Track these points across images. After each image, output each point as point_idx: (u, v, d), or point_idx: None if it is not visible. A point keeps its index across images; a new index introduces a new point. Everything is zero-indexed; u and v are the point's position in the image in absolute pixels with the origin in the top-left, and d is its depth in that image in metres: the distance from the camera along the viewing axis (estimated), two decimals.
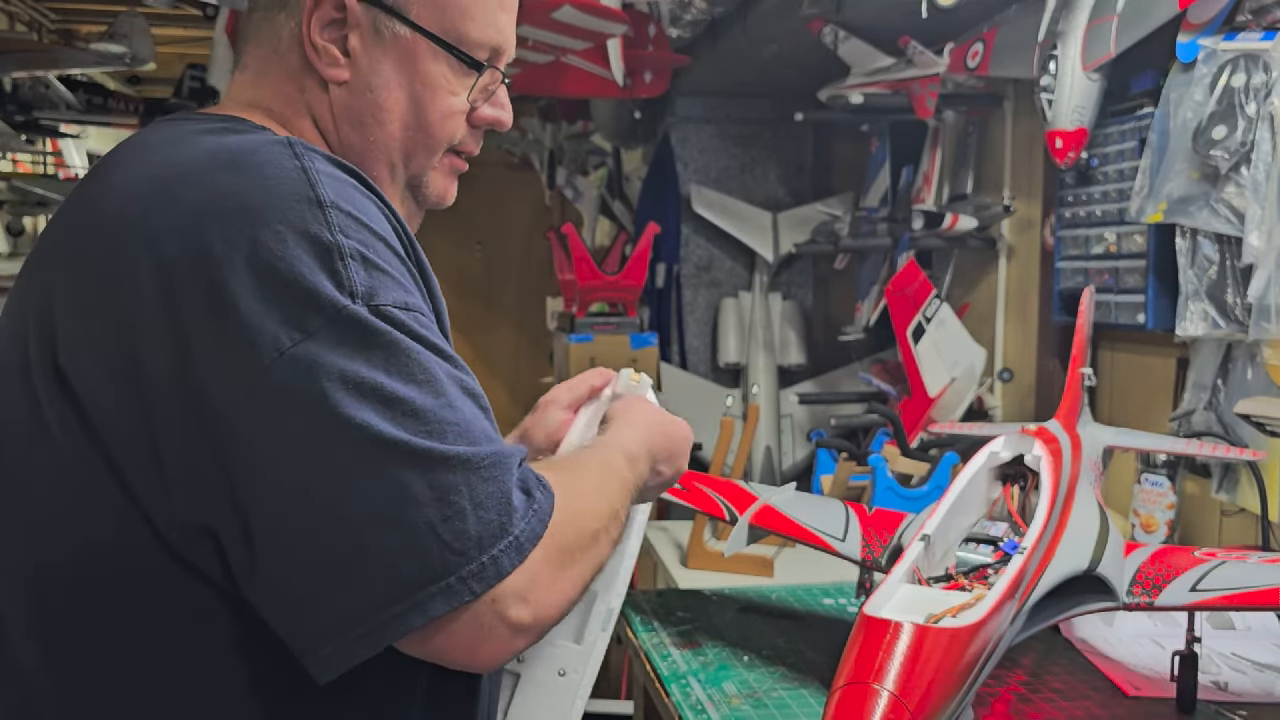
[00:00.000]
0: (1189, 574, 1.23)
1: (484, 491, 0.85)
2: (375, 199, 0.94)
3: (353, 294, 0.85)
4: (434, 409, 0.85)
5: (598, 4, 2.37)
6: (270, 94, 1.04)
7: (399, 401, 0.84)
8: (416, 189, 1.09)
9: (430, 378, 0.87)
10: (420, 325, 0.89)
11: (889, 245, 2.86)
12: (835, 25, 2.59)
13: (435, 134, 1.06)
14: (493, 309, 6.74)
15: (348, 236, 0.87)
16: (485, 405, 0.92)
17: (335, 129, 1.04)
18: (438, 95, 1.05)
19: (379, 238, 0.90)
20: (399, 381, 0.85)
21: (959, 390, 2.56)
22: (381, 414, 0.83)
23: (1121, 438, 1.80)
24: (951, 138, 2.85)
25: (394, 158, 1.06)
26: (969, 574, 1.13)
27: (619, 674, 3.26)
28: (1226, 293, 1.74)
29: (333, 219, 0.87)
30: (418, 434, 0.83)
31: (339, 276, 0.85)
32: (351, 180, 0.93)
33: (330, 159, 0.94)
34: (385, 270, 0.88)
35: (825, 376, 3.50)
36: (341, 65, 1.02)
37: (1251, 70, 1.67)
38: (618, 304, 3.36)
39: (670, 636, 1.59)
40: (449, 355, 0.91)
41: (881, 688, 0.90)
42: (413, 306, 0.89)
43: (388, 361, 0.85)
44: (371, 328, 0.85)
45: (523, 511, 0.87)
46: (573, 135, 4.88)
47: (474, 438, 0.87)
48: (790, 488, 1.59)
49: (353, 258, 0.86)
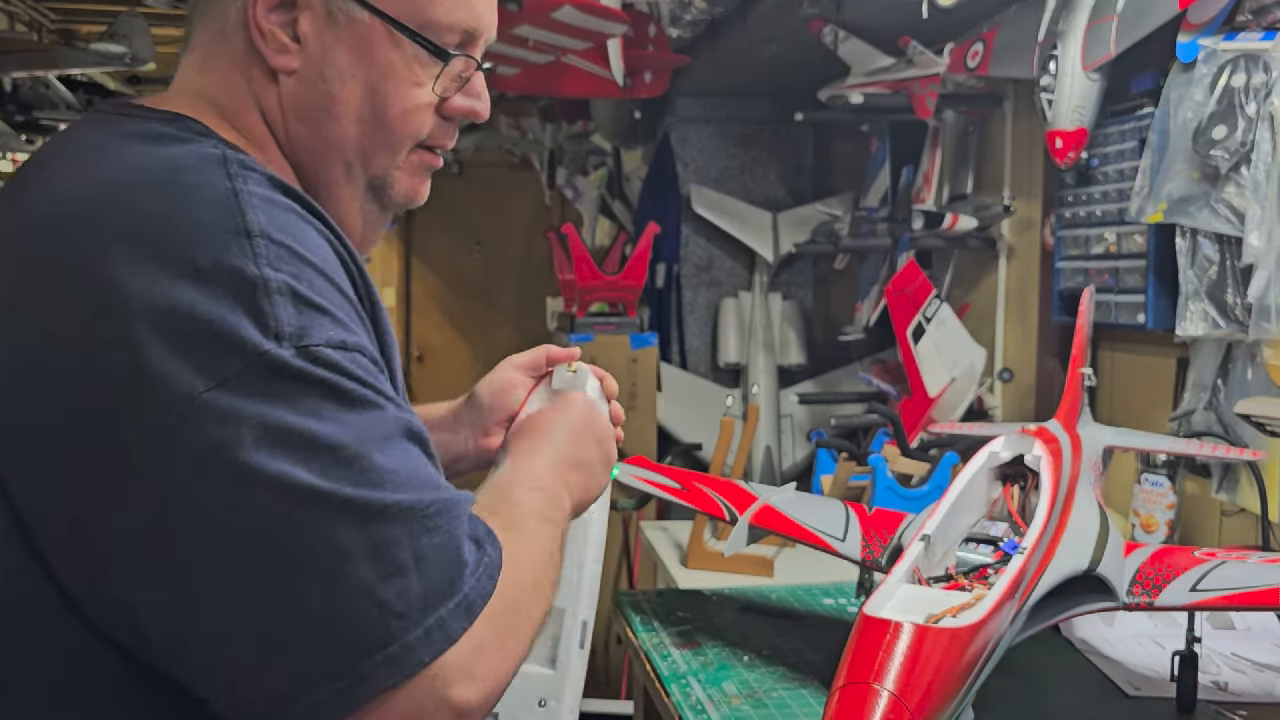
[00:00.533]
0: (1189, 574, 1.23)
1: (428, 544, 0.77)
2: (318, 225, 0.85)
3: (278, 335, 0.76)
4: (369, 454, 0.77)
5: (598, 4, 2.37)
6: (216, 83, 0.94)
7: (328, 449, 0.76)
8: (380, 190, 0.98)
9: (366, 421, 0.79)
10: (357, 366, 0.80)
11: (889, 245, 2.86)
12: (835, 25, 2.59)
13: (396, 130, 0.95)
14: (493, 309, 6.74)
15: (276, 269, 0.78)
16: (432, 450, 0.85)
17: (284, 124, 0.94)
18: (399, 87, 0.94)
19: (316, 269, 0.81)
20: (330, 426, 0.76)
21: (959, 390, 2.56)
22: (308, 463, 0.75)
23: (1121, 438, 1.80)
24: (951, 138, 2.85)
25: (350, 157, 0.95)
26: (969, 574, 1.13)
27: (619, 674, 3.26)
28: (1226, 293, 1.74)
29: (260, 250, 0.79)
30: (350, 483, 0.75)
31: (262, 315, 0.77)
32: (292, 204, 0.84)
33: (271, 179, 0.85)
34: (319, 306, 0.80)
35: (825, 376, 3.50)
36: (290, 52, 0.92)
37: (1251, 70, 1.67)
38: (618, 304, 3.36)
39: (670, 636, 1.59)
40: (390, 397, 0.82)
41: (881, 688, 0.90)
42: (351, 345, 0.81)
43: (317, 406, 0.76)
44: (297, 371, 0.76)
45: (473, 566, 0.79)
46: (573, 135, 4.89)
47: (416, 484, 0.79)
48: (790, 488, 1.59)
49: (280, 293, 0.78)
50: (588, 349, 3.12)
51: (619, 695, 3.20)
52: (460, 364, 6.74)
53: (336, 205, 0.96)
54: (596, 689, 3.27)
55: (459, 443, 1.23)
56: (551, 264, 3.62)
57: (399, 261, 6.65)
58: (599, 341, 3.20)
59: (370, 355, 0.83)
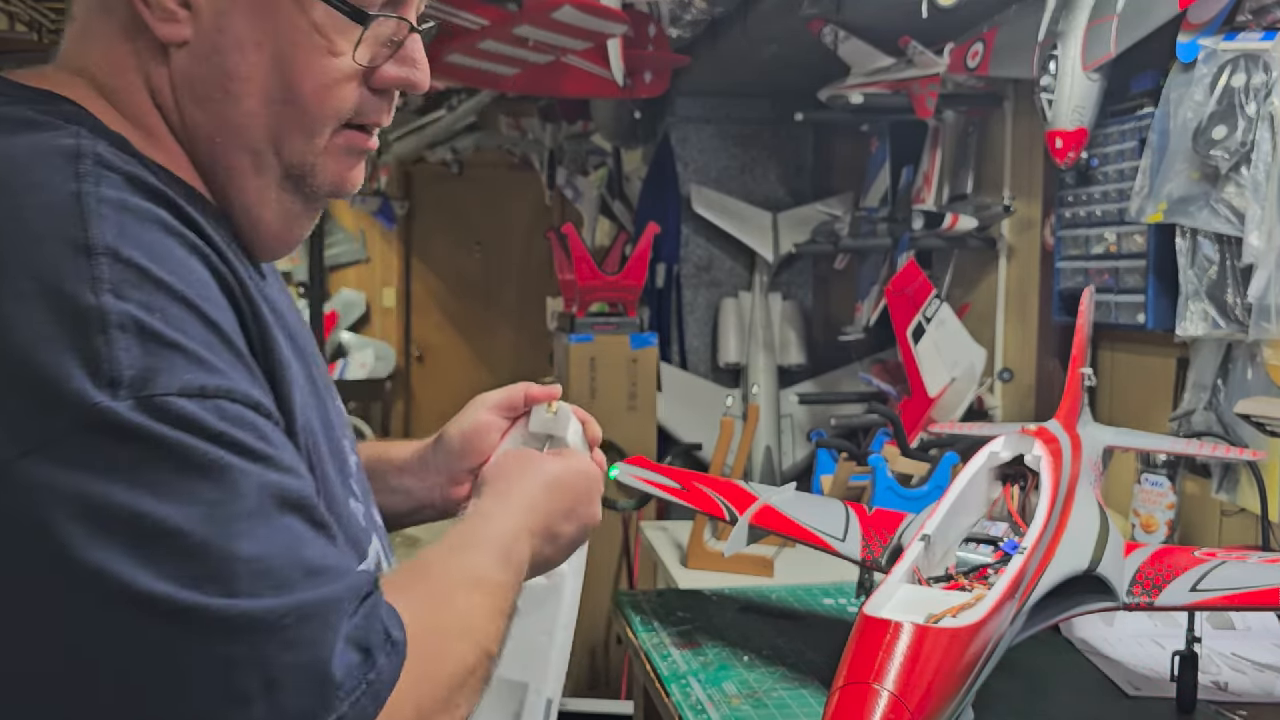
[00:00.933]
0: (1189, 574, 1.23)
1: (284, 663, 0.62)
2: (191, 237, 0.71)
3: (113, 382, 0.62)
4: (220, 542, 0.62)
5: (598, 4, 2.37)
6: (98, 58, 0.78)
7: (165, 535, 0.61)
8: (301, 179, 0.82)
9: (223, 494, 0.63)
10: (220, 418, 0.65)
11: (889, 245, 2.86)
12: (835, 25, 2.59)
13: (312, 108, 0.79)
14: (493, 309, 6.75)
15: (120, 297, 0.64)
16: (318, 518, 0.70)
17: (177, 108, 0.78)
18: (310, 57, 0.78)
19: (174, 296, 0.66)
20: (170, 505, 0.62)
21: (959, 390, 2.56)
22: (135, 555, 0.60)
23: (1121, 438, 1.80)
24: (951, 138, 2.85)
25: (257, 143, 0.79)
26: (969, 574, 1.13)
27: (619, 674, 3.26)
28: (1226, 293, 1.74)
29: (102, 272, 0.64)
30: (189, 582, 0.61)
31: (96, 357, 0.62)
32: (156, 211, 0.70)
33: (133, 179, 0.70)
34: (174, 343, 0.65)
35: (825, 376, 3.50)
36: (179, 21, 0.76)
37: (1251, 70, 1.67)
38: (618, 304, 3.36)
39: (670, 636, 1.59)
40: (262, 455, 0.67)
41: (881, 688, 0.90)
42: (212, 391, 0.65)
43: (156, 477, 0.62)
44: (134, 430, 0.62)
45: (350, 685, 0.65)
46: (573, 135, 4.89)
47: (280, 579, 0.64)
48: (790, 488, 1.59)
49: (121, 328, 0.63)
50: (588, 349, 3.17)
51: (619, 695, 3.21)
52: (460, 364, 6.75)
53: (244, 201, 0.81)
54: (596, 689, 3.28)
55: (424, 490, 1.09)
56: (551, 264, 3.62)
57: (399, 261, 6.65)
58: (599, 341, 3.21)
59: (246, 399, 0.68)
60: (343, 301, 6.49)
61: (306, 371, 0.82)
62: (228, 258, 0.73)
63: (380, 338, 6.56)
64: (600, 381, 3.20)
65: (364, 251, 6.60)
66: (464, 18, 2.65)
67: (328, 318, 6.11)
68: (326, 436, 0.83)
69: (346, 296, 6.52)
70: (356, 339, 6.48)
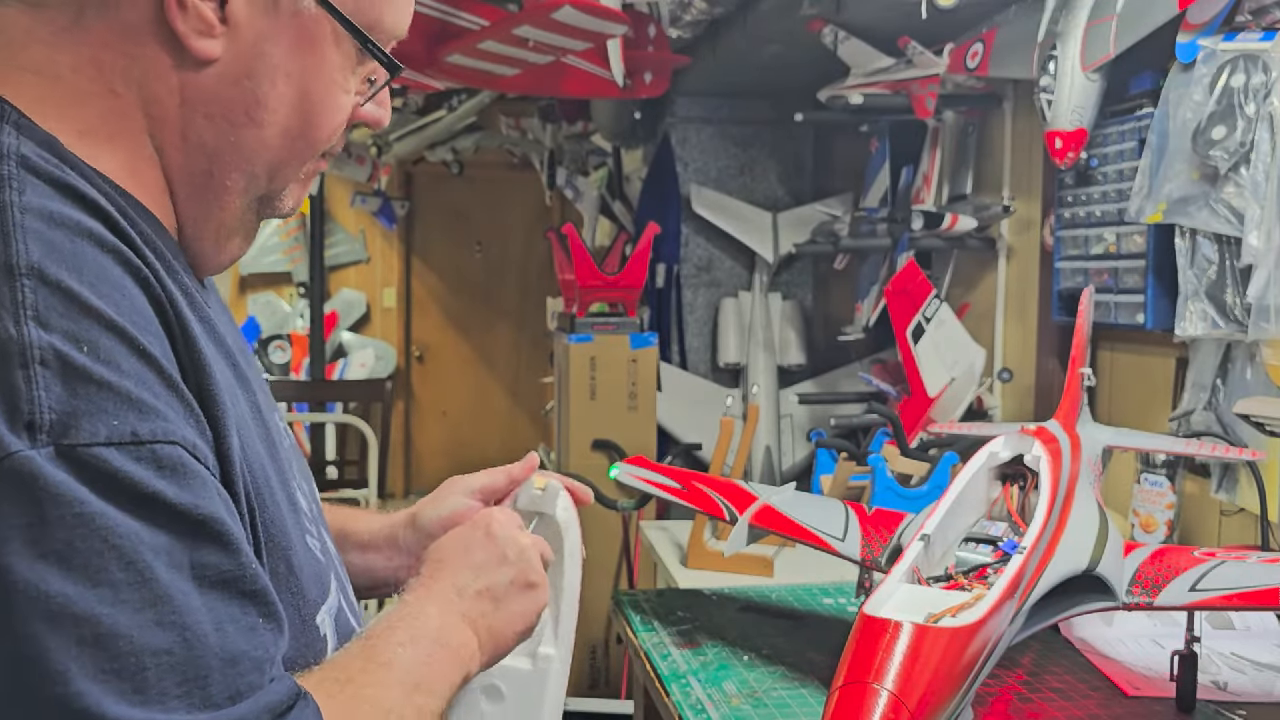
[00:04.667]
0: (1188, 574, 1.23)
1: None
2: (126, 254, 0.64)
3: (32, 425, 0.55)
4: (131, 632, 0.55)
5: (598, 4, 2.38)
6: (77, 57, 0.71)
7: (70, 620, 0.54)
8: (269, 201, 0.80)
9: (139, 574, 0.56)
10: (154, 471, 0.59)
11: (889, 245, 2.87)
12: (835, 26, 2.59)
13: (317, 140, 0.79)
14: (493, 309, 6.75)
15: (46, 326, 0.57)
16: (254, 589, 0.63)
17: (180, 123, 0.73)
18: (332, 94, 0.78)
19: (106, 325, 0.60)
20: (79, 581, 0.54)
21: (958, 390, 2.56)
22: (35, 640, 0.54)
23: (1121, 438, 1.80)
24: (951, 138, 2.86)
25: (257, 167, 0.77)
26: (968, 574, 1.13)
27: (619, 674, 3.26)
28: (1226, 293, 1.75)
29: (26, 296, 0.57)
30: (96, 676, 0.54)
31: (15, 396, 0.55)
32: (90, 221, 0.63)
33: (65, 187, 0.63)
34: (103, 381, 0.58)
35: (825, 376, 3.51)
36: (214, 37, 0.72)
37: (1251, 70, 1.67)
38: (618, 304, 3.36)
39: (670, 636, 1.59)
40: (197, 518, 0.60)
41: (881, 687, 0.90)
42: (145, 437, 0.59)
43: (69, 548, 0.54)
44: (49, 488, 0.55)
45: None
46: (573, 135, 4.90)
47: (192, 674, 0.57)
48: (790, 488, 1.59)
49: (45, 364, 0.56)
50: (588, 349, 3.17)
51: (619, 695, 3.21)
52: (460, 364, 6.75)
53: (221, 217, 0.78)
54: (596, 689, 3.28)
55: (389, 570, 1.03)
56: (551, 264, 3.62)
57: (399, 261, 6.65)
58: (599, 341, 3.21)
59: (185, 442, 0.61)
60: (343, 301, 6.49)
61: (251, 399, 0.77)
62: (161, 276, 0.67)
63: (380, 338, 6.56)
64: (600, 381, 3.20)
65: (364, 252, 6.60)
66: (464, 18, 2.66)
67: (328, 318, 6.11)
68: (275, 469, 0.77)
69: (347, 296, 6.52)
70: (357, 339, 6.48)
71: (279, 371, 6.00)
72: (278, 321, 6.30)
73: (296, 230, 6.26)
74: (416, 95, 4.51)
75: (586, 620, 2.93)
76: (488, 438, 6.66)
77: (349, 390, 5.78)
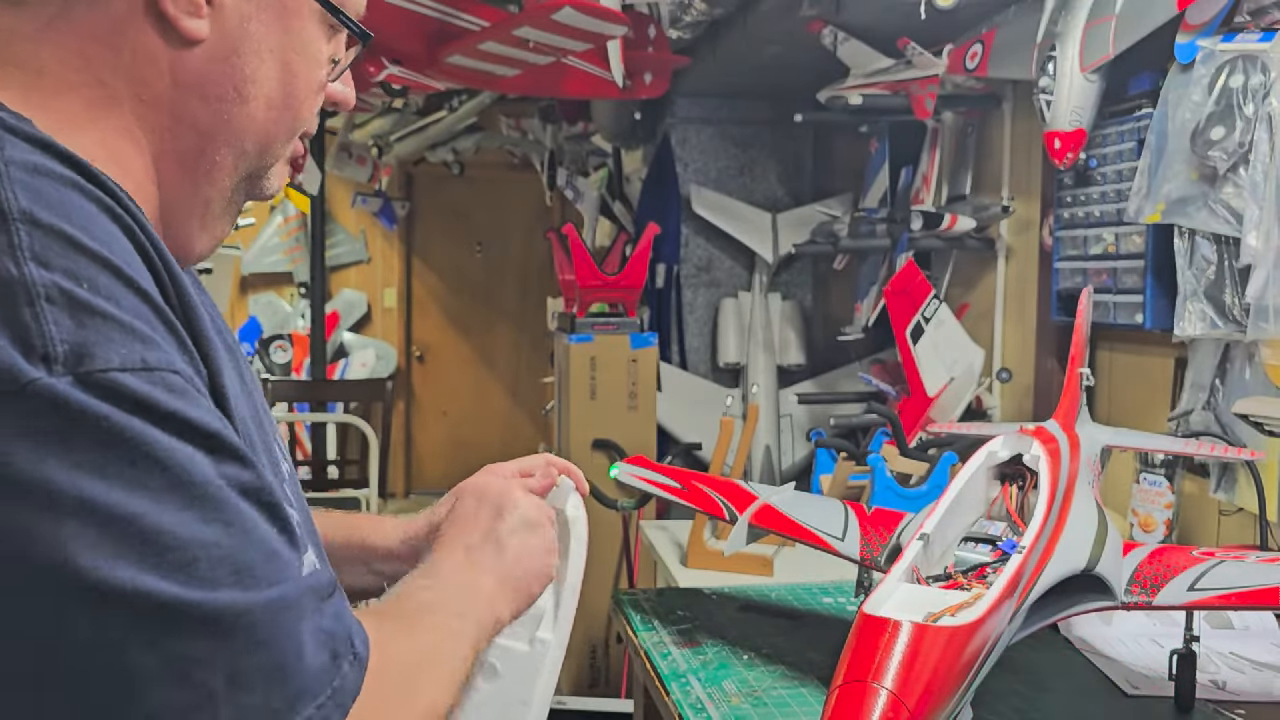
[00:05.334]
0: (1187, 573, 1.23)
1: (249, 665, 0.59)
2: (109, 202, 0.66)
3: (48, 357, 0.57)
4: (174, 528, 0.58)
5: (598, 5, 2.38)
6: (62, 50, 0.71)
7: (117, 521, 0.56)
8: (256, 182, 0.82)
9: (176, 477, 0.59)
10: (166, 394, 0.61)
11: (888, 246, 2.87)
12: (835, 26, 2.60)
13: (301, 114, 0.82)
14: (493, 309, 6.76)
15: (46, 266, 0.59)
16: (271, 500, 0.65)
17: (171, 104, 0.75)
18: (309, 67, 0.81)
19: (102, 263, 0.62)
20: (120, 489, 0.57)
21: (957, 390, 2.57)
22: (86, 541, 0.56)
23: (1120, 437, 1.80)
24: (950, 138, 2.86)
25: (247, 143, 0.79)
26: (968, 573, 1.13)
27: (619, 673, 3.26)
28: (1225, 293, 1.75)
29: (21, 239, 0.59)
30: (147, 569, 0.57)
31: (26, 331, 0.57)
32: (72, 175, 0.65)
33: (42, 143, 0.65)
34: (107, 314, 0.60)
35: (824, 376, 3.51)
36: (203, 17, 0.74)
37: (1250, 71, 1.68)
38: (618, 304, 3.36)
39: (670, 635, 1.59)
40: (213, 435, 0.63)
41: (880, 686, 0.90)
42: (157, 364, 0.61)
43: (103, 458, 0.57)
44: (78, 409, 0.57)
45: (317, 689, 0.62)
46: (573, 136, 4.90)
47: (244, 568, 0.60)
48: (789, 487, 1.59)
49: (50, 300, 0.58)
50: (588, 349, 3.18)
51: (619, 694, 3.21)
52: (461, 364, 6.76)
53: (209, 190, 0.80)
54: (596, 688, 3.28)
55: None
56: (552, 264, 3.63)
57: (400, 262, 6.66)
58: (599, 341, 3.21)
59: (185, 375, 0.63)
60: (344, 302, 6.49)
61: (235, 366, 0.78)
62: (148, 228, 0.68)
63: (381, 338, 6.57)
64: (600, 381, 3.21)
65: (365, 252, 6.61)
66: (464, 19, 2.66)
67: (329, 318, 6.11)
68: (260, 435, 0.78)
69: (348, 297, 6.53)
70: (358, 339, 6.49)
71: (280, 371, 6.01)
72: (278, 321, 6.31)
73: (297, 230, 6.27)
74: (417, 96, 4.51)
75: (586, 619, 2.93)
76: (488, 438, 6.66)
77: (350, 390, 5.78)
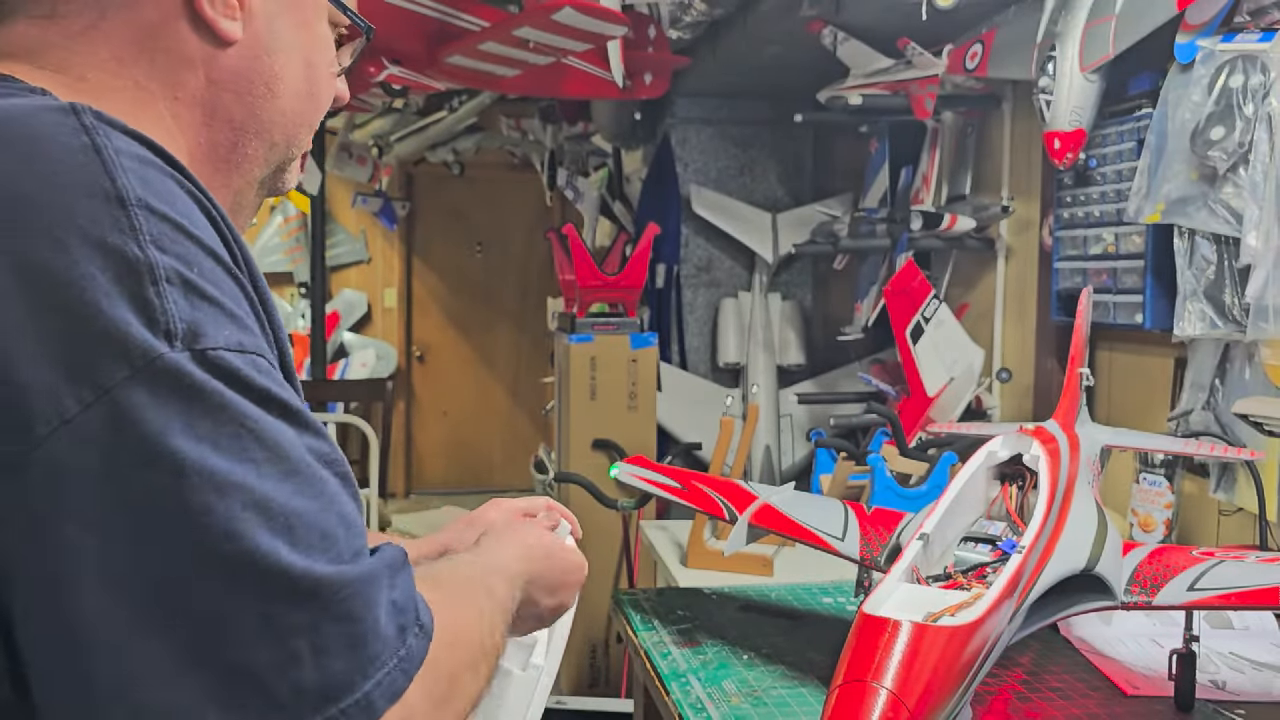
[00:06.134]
0: (1187, 573, 1.23)
1: (331, 633, 0.63)
2: (192, 187, 0.69)
3: (169, 334, 0.61)
4: (283, 501, 0.63)
5: (598, 6, 2.38)
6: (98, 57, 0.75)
7: (235, 488, 0.61)
8: (279, 174, 0.87)
9: (275, 451, 0.64)
10: (260, 374, 0.65)
11: (888, 246, 2.87)
12: (834, 27, 2.60)
13: (320, 107, 0.87)
14: (493, 309, 6.76)
15: (163, 250, 0.63)
16: (345, 471, 0.70)
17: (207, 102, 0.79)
18: (327, 61, 0.87)
19: (205, 249, 0.66)
20: (232, 461, 0.61)
21: (957, 390, 2.57)
22: (209, 506, 0.60)
23: (1119, 437, 1.80)
24: (950, 138, 2.86)
25: (276, 135, 0.83)
26: (967, 573, 1.14)
27: (619, 673, 3.26)
28: (1224, 293, 1.75)
29: (141, 224, 0.63)
30: (257, 536, 0.61)
31: (151, 309, 0.61)
32: (159, 161, 0.68)
33: (135, 134, 0.68)
34: (212, 298, 0.64)
35: (824, 376, 3.51)
36: (237, 19, 0.78)
37: (1249, 71, 1.68)
38: (618, 304, 3.37)
39: (670, 635, 1.59)
40: (297, 411, 0.68)
41: (880, 686, 0.90)
42: (249, 348, 0.66)
43: (216, 430, 0.61)
44: (197, 384, 0.61)
45: (384, 657, 0.66)
46: (573, 136, 4.90)
47: (329, 536, 0.65)
48: (789, 487, 1.59)
49: (170, 281, 0.62)
50: (588, 349, 3.18)
51: (619, 694, 3.21)
52: (461, 364, 6.76)
53: (239, 183, 0.84)
54: (596, 687, 3.28)
55: None
56: (552, 264, 3.63)
57: (400, 262, 6.66)
58: (599, 341, 3.21)
59: (269, 358, 0.68)
60: (344, 301, 6.49)
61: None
62: (224, 214, 0.72)
63: (381, 338, 6.57)
64: (600, 381, 3.21)
65: (365, 252, 6.60)
66: (464, 19, 2.66)
67: (329, 318, 6.11)
68: None
69: (348, 297, 6.53)
70: (358, 339, 6.49)
71: None
72: None
73: (298, 230, 6.27)
74: (417, 96, 4.51)
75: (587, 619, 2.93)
76: (488, 438, 6.66)
77: (350, 390, 5.78)
